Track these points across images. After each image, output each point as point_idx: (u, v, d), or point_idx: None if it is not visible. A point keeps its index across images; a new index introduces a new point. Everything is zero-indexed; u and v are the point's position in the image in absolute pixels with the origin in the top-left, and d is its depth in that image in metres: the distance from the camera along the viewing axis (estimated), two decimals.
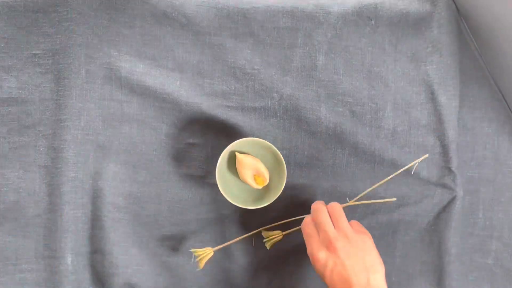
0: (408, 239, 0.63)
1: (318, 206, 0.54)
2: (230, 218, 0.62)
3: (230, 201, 0.57)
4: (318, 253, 0.51)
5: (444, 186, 0.62)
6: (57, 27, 0.58)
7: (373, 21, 0.62)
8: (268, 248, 0.59)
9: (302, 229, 0.55)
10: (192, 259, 0.59)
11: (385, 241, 0.63)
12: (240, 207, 0.58)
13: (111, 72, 0.60)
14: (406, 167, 0.58)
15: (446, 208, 0.62)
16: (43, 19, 0.58)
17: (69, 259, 0.58)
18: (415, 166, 0.58)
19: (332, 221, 0.53)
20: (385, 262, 0.62)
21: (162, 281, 0.61)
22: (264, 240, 0.59)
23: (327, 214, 0.53)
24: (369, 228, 0.62)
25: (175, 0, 0.60)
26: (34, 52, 0.58)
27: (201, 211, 0.62)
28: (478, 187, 0.65)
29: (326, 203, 0.62)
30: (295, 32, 0.61)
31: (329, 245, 0.50)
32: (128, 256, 0.60)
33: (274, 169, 0.59)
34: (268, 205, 0.58)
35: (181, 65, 0.61)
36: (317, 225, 0.53)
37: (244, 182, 0.58)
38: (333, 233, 0.51)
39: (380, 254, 0.62)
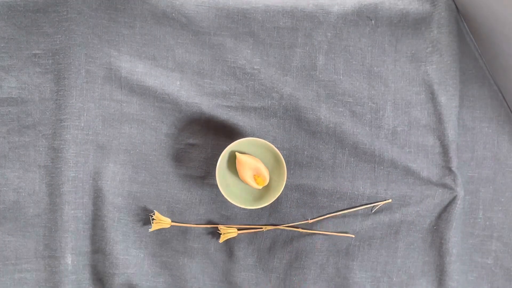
0: (410, 240, 0.63)
1: None
2: (230, 218, 0.62)
3: (230, 201, 0.57)
4: None
5: (444, 186, 0.62)
6: (57, 27, 0.58)
7: (373, 21, 0.62)
8: (220, 241, 0.61)
9: None
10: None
11: (387, 242, 0.63)
12: (240, 207, 0.58)
13: (111, 72, 0.60)
14: (368, 205, 0.62)
15: (447, 208, 0.62)
16: (43, 19, 0.58)
17: (69, 259, 0.58)
18: (377, 206, 0.62)
19: None
20: (387, 263, 0.63)
21: (162, 281, 0.61)
22: (219, 232, 0.61)
23: None
24: (371, 229, 0.62)
25: (175, 0, 0.60)
26: (34, 52, 0.58)
27: (200, 211, 0.62)
28: (478, 187, 0.65)
29: (327, 203, 0.62)
30: (295, 32, 0.61)
31: None
32: (128, 256, 0.60)
33: (274, 169, 0.59)
34: (268, 205, 0.58)
35: (181, 65, 0.61)
36: None
37: (244, 182, 0.58)
38: None
39: (382, 255, 0.63)
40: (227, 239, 0.61)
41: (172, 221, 0.60)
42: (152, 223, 0.59)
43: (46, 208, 0.59)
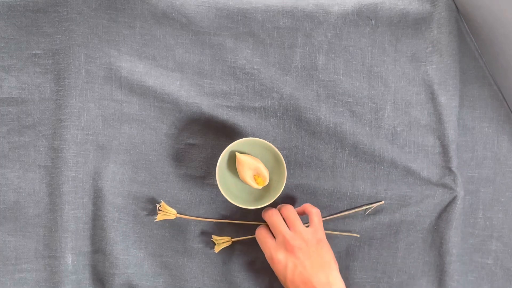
0: (410, 240, 0.63)
1: (271, 211, 0.56)
2: (230, 218, 0.62)
3: (230, 201, 0.57)
4: (277, 255, 0.52)
5: (444, 186, 0.62)
6: (57, 27, 0.58)
7: (373, 21, 0.62)
8: (216, 251, 0.61)
9: (256, 236, 0.56)
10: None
11: (387, 242, 0.63)
12: (240, 207, 0.58)
13: (111, 72, 0.60)
14: (363, 207, 0.62)
15: (447, 208, 0.62)
16: (43, 19, 0.58)
17: (69, 259, 0.58)
18: (370, 208, 0.62)
19: (287, 224, 0.54)
20: (387, 263, 0.63)
21: (162, 281, 0.61)
22: (213, 241, 0.61)
23: (281, 217, 0.55)
24: (371, 229, 0.62)
25: (175, 0, 0.60)
26: (34, 52, 0.58)
27: (200, 211, 0.62)
28: (478, 187, 0.65)
29: (327, 203, 0.62)
30: (295, 32, 0.61)
31: (287, 246, 0.52)
32: (128, 256, 0.60)
33: (274, 169, 0.59)
34: (268, 205, 0.58)
35: (181, 65, 0.61)
36: (272, 228, 0.55)
37: (244, 182, 0.58)
38: (289, 234, 0.53)
39: (382, 255, 0.63)
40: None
41: (177, 213, 0.60)
42: (158, 213, 0.59)
43: (46, 208, 0.59)
